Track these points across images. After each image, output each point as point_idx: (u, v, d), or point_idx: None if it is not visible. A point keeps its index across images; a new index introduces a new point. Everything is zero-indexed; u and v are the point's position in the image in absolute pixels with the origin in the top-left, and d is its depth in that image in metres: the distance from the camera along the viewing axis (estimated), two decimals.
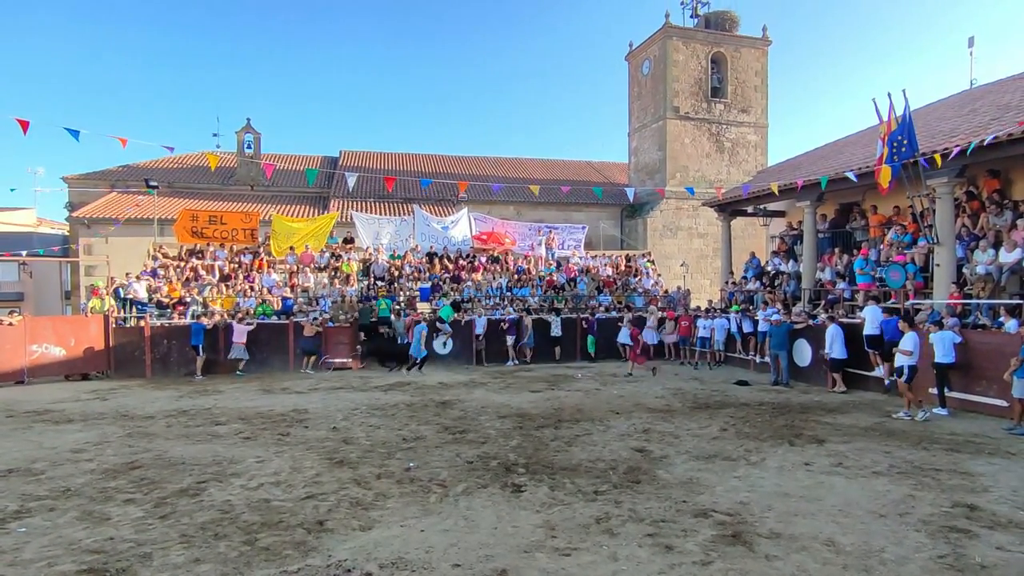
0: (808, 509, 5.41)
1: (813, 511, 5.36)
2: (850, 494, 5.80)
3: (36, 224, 39.79)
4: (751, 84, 32.05)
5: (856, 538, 4.73)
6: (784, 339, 13.31)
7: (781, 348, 13.31)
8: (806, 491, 5.92)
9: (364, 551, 4.52)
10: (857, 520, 5.12)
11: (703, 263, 30.94)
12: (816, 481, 6.26)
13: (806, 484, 6.15)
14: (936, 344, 9.89)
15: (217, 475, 6.54)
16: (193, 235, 18.91)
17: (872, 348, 11.78)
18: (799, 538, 4.73)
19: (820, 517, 5.21)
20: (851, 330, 12.24)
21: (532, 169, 36.95)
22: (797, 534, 4.82)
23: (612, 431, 8.62)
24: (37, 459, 7.28)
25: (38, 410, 10.61)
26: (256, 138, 31.32)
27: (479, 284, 19.48)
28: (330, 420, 9.51)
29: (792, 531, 4.89)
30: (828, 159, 16.77)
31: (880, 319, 11.60)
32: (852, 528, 4.94)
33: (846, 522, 5.07)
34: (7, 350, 14.05)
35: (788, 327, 13.48)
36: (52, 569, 4.25)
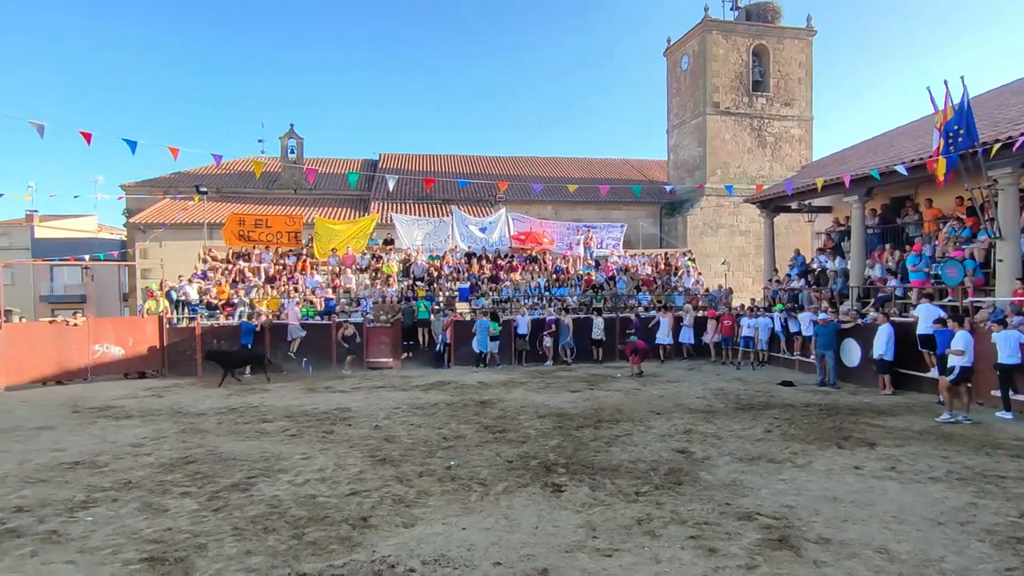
0: (859, 514, 5.23)
1: (864, 517, 5.18)
2: (905, 500, 5.58)
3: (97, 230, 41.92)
4: (794, 76, 31.13)
5: (912, 546, 4.55)
6: (831, 339, 12.89)
7: (828, 348, 12.89)
8: (857, 496, 5.72)
9: (407, 548, 4.60)
10: (913, 527, 4.92)
11: (745, 261, 30.23)
12: (867, 486, 6.04)
13: (856, 488, 5.95)
14: (1000, 344, 9.40)
15: (265, 471, 6.75)
16: (240, 238, 19.56)
17: (926, 348, 11.30)
18: (850, 544, 4.59)
19: (872, 523, 5.03)
20: (903, 329, 11.77)
21: (570, 168, 36.80)
22: (847, 540, 4.67)
23: (653, 432, 8.52)
24: (101, 452, 7.67)
25: (100, 406, 11.17)
26: (299, 143, 32.19)
27: (517, 284, 19.53)
28: (372, 419, 9.70)
29: (842, 537, 4.74)
30: (878, 152, 16.15)
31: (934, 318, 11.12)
32: (907, 536, 4.76)
33: (901, 529, 4.88)
34: (73, 350, 14.83)
35: (835, 326, 13.05)
36: (116, 556, 4.49)
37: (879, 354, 11.74)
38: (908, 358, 11.64)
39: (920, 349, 11.38)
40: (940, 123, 10.98)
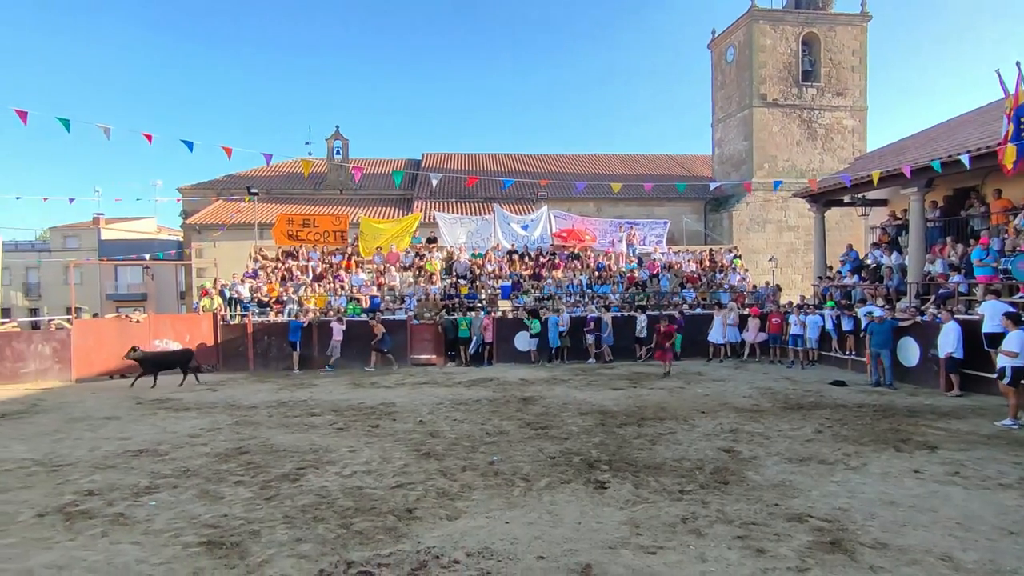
0: (919, 520, 5.00)
1: (925, 522, 4.95)
2: (970, 507, 5.30)
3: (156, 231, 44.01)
4: (847, 65, 29.93)
5: (980, 555, 4.32)
6: (888, 337, 12.35)
7: (884, 347, 12.36)
8: (917, 500, 5.47)
9: (451, 539, 4.67)
10: (980, 535, 4.67)
11: (794, 257, 29.30)
12: (928, 490, 5.77)
13: (916, 493, 5.69)
14: None
15: (314, 462, 6.96)
16: (289, 238, 20.17)
17: (992, 347, 10.68)
18: (909, 550, 4.39)
19: (934, 529, 4.80)
20: (968, 328, 11.16)
21: (612, 165, 36.45)
22: (907, 546, 4.47)
23: (697, 430, 8.37)
24: (162, 442, 8.06)
25: (161, 399, 11.74)
26: (344, 144, 32.95)
27: (559, 281, 19.48)
28: (416, 414, 9.85)
29: (901, 542, 4.54)
30: (940, 140, 15.37)
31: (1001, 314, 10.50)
32: (974, 544, 4.52)
33: (966, 537, 4.64)
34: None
35: (892, 324, 12.49)
36: (177, 540, 4.72)
37: (947, 352, 11.16)
38: (974, 358, 11.04)
39: (987, 349, 10.78)
40: (1010, 108, 10.39)
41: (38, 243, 41.54)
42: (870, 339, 12.78)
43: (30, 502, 5.67)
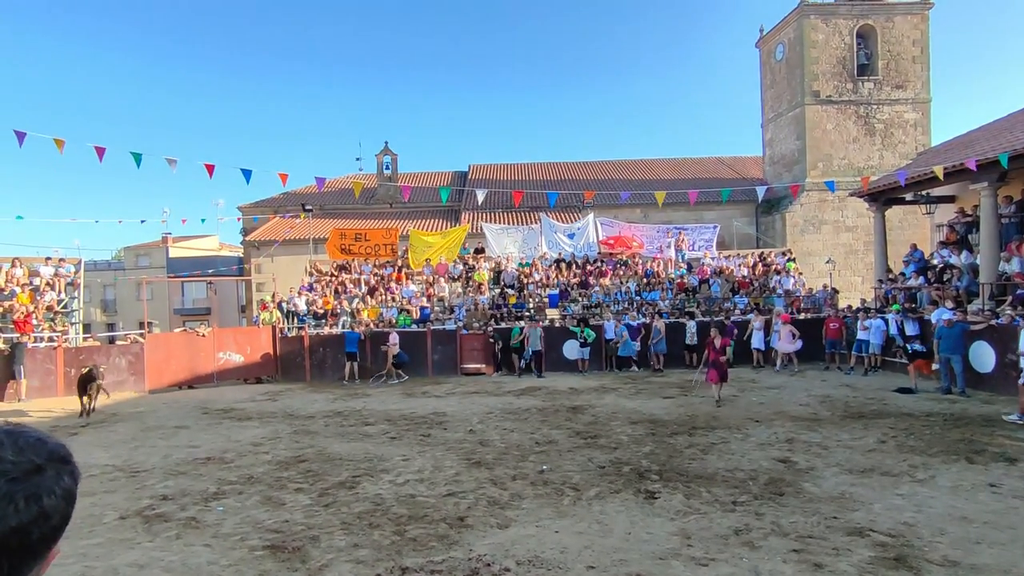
0: (995, 537, 4.73)
1: (1002, 540, 4.68)
2: None
3: (219, 248, 46.25)
4: (907, 56, 28.59)
5: None
6: (958, 342, 11.69)
7: (955, 352, 11.69)
8: (992, 516, 5.18)
9: (502, 548, 4.74)
10: None
11: (852, 259, 28.07)
12: (1006, 506, 5.45)
13: (992, 508, 5.38)
14: None
15: (369, 471, 7.18)
16: (342, 252, 20.86)
17: None
18: (983, 569, 4.17)
19: (1012, 548, 4.53)
20: None
21: (659, 169, 35.97)
22: (980, 564, 4.25)
23: (751, 440, 8.16)
24: (227, 450, 8.50)
25: (225, 408, 12.34)
26: (393, 159, 33.83)
27: (607, 289, 19.36)
28: (467, 423, 10.00)
29: (973, 560, 4.32)
30: (1014, 131, 14.48)
31: None
32: None
33: None
34: (202, 357, 16.48)
35: (963, 328, 11.81)
36: (244, 543, 4.99)
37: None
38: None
39: None
40: None
41: (114, 262, 44.41)
42: (939, 344, 12.13)
43: (113, 505, 6.10)
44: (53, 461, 0.77)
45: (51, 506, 0.74)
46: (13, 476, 0.72)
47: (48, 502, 0.74)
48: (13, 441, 0.76)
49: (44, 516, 0.73)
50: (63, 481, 0.77)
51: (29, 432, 0.79)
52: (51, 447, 0.79)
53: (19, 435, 0.77)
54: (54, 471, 0.76)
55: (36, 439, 0.78)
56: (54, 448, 0.79)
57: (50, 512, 0.74)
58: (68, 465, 0.79)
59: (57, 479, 0.76)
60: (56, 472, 0.76)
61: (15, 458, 0.74)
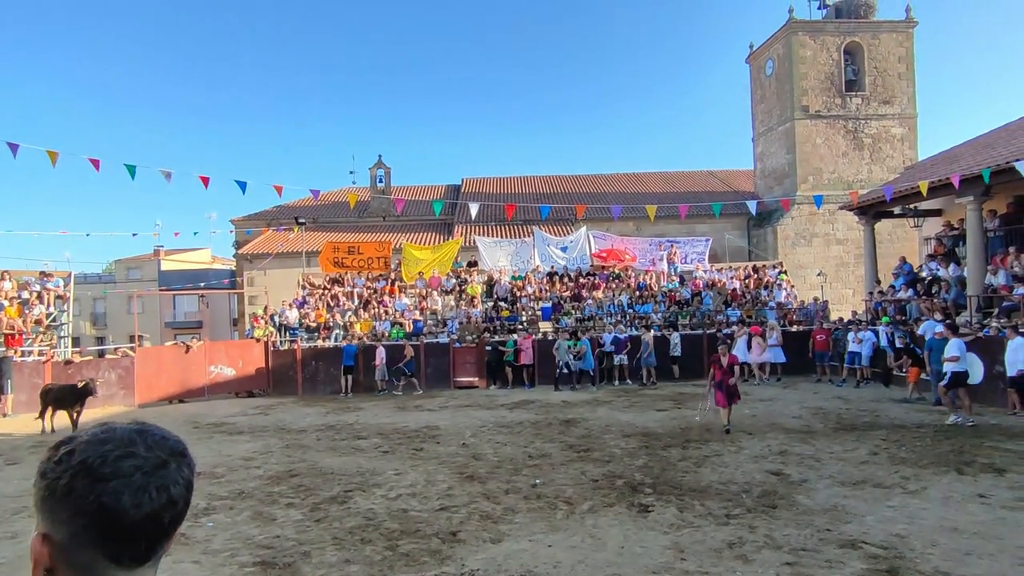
0: (985, 548, 4.76)
1: (992, 551, 4.70)
2: None
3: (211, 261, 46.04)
4: (893, 72, 29.10)
5: None
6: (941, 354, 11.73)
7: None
8: (982, 527, 5.21)
9: (495, 563, 4.71)
10: None
11: (843, 271, 28.32)
12: (995, 516, 5.48)
13: (981, 519, 5.41)
14: None
15: (361, 485, 7.13)
16: (335, 265, 20.83)
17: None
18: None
19: (1002, 558, 4.56)
20: None
21: (651, 183, 36.25)
22: (970, 575, 4.27)
23: (744, 452, 8.17)
24: (218, 464, 8.41)
25: (216, 422, 12.23)
26: (387, 172, 33.95)
27: (600, 302, 19.42)
28: (460, 436, 9.96)
29: (964, 571, 4.34)
30: (997, 146, 14.75)
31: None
32: None
33: None
34: (192, 371, 16.35)
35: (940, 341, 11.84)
36: (234, 559, 4.93)
37: (1019, 370, 10.55)
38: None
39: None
40: None
41: (104, 275, 44.09)
42: (930, 356, 12.17)
43: None
44: (175, 455, 0.88)
45: (177, 494, 0.85)
46: (146, 470, 0.83)
47: (175, 491, 0.85)
48: (143, 439, 0.86)
49: (172, 503, 0.84)
50: (184, 472, 0.88)
51: (155, 430, 0.90)
52: (172, 443, 0.89)
53: (148, 433, 0.88)
54: (176, 464, 0.87)
55: (161, 436, 0.89)
56: (175, 444, 0.90)
57: (176, 499, 0.85)
58: (186, 458, 0.90)
59: (179, 471, 0.87)
60: (178, 464, 0.87)
61: (146, 454, 0.84)
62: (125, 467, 0.82)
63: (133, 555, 0.82)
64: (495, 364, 16.84)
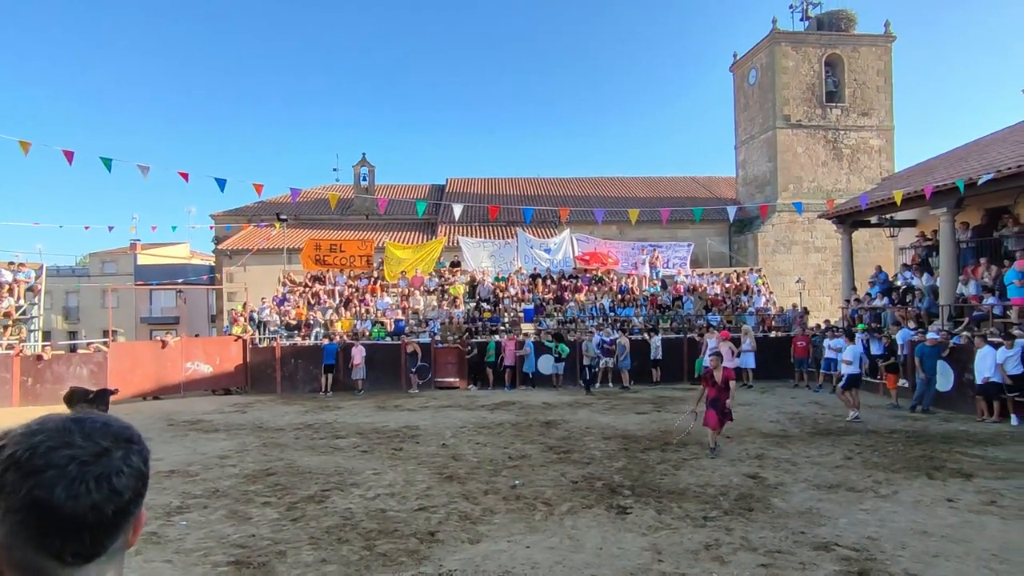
0: (953, 550, 4.87)
1: (959, 553, 4.82)
2: (1007, 537, 5.15)
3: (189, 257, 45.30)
4: (872, 85, 29.72)
5: None
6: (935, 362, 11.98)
7: (932, 371, 11.97)
8: (950, 530, 5.33)
9: (472, 563, 4.70)
10: (1018, 568, 4.54)
11: (821, 279, 28.80)
12: (962, 520, 5.62)
13: (950, 523, 5.54)
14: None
15: (339, 484, 7.06)
16: (316, 262, 20.63)
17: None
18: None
19: (968, 561, 4.67)
20: None
21: (634, 187, 36.52)
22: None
23: (722, 456, 8.26)
24: (192, 463, 8.27)
25: (192, 420, 12.02)
26: (371, 170, 33.72)
27: (583, 304, 19.49)
28: (440, 437, 9.92)
29: (932, 573, 4.44)
30: (970, 159, 15.11)
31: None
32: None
33: (1003, 569, 4.51)
34: (168, 367, 16.06)
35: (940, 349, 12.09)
36: (207, 559, 4.85)
37: (985, 377, 10.81)
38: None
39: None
40: None
41: (78, 268, 43.09)
42: (922, 362, 12.32)
43: None
44: (120, 442, 0.84)
45: (122, 485, 0.81)
46: (83, 459, 0.79)
47: (118, 481, 0.80)
48: (81, 428, 0.82)
49: (116, 493, 0.80)
50: (131, 460, 0.83)
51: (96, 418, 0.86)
52: (115, 430, 0.85)
53: (86, 421, 0.84)
54: (122, 452, 0.83)
55: (103, 424, 0.85)
56: (119, 431, 0.85)
57: (121, 489, 0.80)
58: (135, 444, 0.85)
59: (125, 459, 0.82)
60: (124, 452, 0.83)
61: (84, 443, 0.80)
62: (58, 458, 0.77)
63: (76, 551, 0.78)
64: (476, 365, 16.82)
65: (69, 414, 0.85)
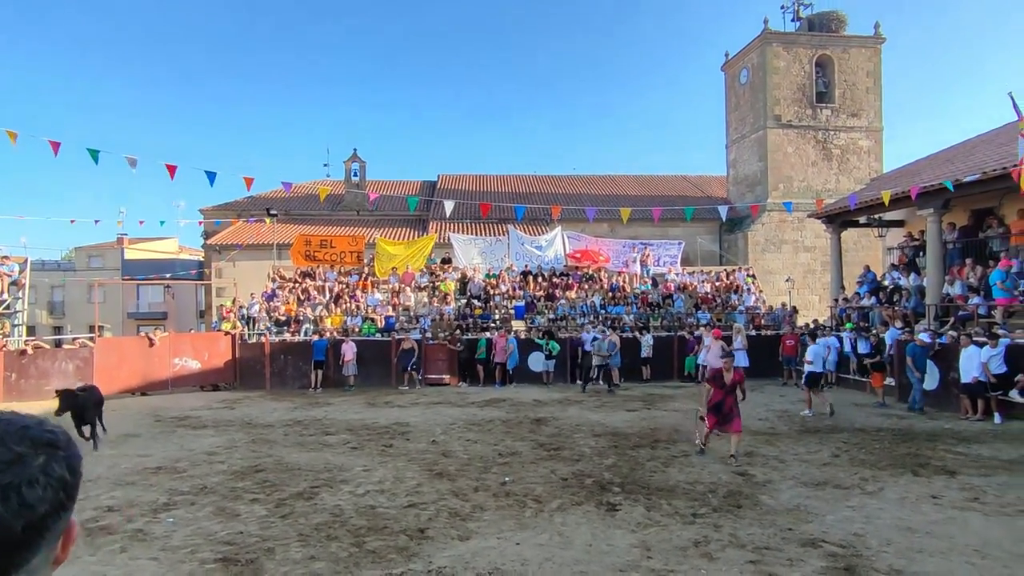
0: (936, 546, 4.93)
1: (943, 549, 4.88)
2: (990, 533, 5.22)
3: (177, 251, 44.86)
4: (862, 86, 29.96)
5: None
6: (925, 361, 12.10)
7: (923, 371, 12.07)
8: (934, 527, 5.40)
9: (462, 560, 4.70)
10: (998, 563, 4.60)
11: (811, 278, 29.04)
12: (946, 516, 5.69)
13: (934, 519, 5.61)
14: None
15: (328, 481, 7.03)
16: (307, 258, 20.50)
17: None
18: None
19: (952, 556, 4.73)
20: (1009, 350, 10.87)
21: (626, 185, 36.59)
22: (922, 572, 4.42)
23: (712, 453, 8.30)
24: (180, 459, 8.20)
25: (179, 416, 11.92)
26: (362, 166, 33.52)
27: (573, 302, 19.51)
28: (430, 433, 9.90)
29: (916, 568, 4.49)
30: (956, 161, 15.29)
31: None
32: (991, 571, 4.46)
33: (984, 564, 4.58)
34: (155, 363, 15.90)
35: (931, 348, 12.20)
36: (194, 556, 4.81)
37: (973, 376, 10.93)
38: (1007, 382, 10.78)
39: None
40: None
41: (63, 262, 42.54)
42: (914, 361, 12.42)
43: None
44: (40, 447, 0.74)
45: (33, 496, 0.71)
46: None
47: (29, 492, 0.71)
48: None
49: (27, 507, 0.70)
50: (52, 469, 0.74)
51: (14, 420, 0.76)
52: (33, 434, 0.75)
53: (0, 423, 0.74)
54: (43, 458, 0.73)
55: (20, 427, 0.75)
56: (37, 435, 0.75)
57: (32, 502, 0.71)
58: (59, 451, 0.76)
59: (45, 467, 0.73)
60: (46, 459, 0.74)
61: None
62: None
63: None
64: (466, 362, 16.80)
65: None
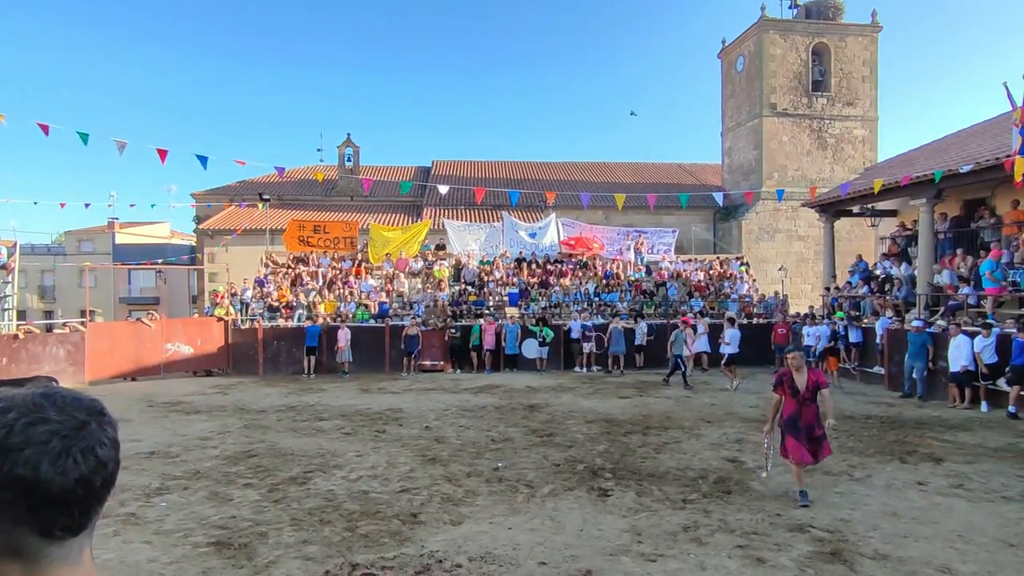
0: (921, 532, 5.02)
1: (927, 534, 4.97)
2: (973, 519, 5.32)
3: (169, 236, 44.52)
4: (858, 75, 29.86)
5: (979, 567, 4.34)
6: (922, 349, 12.20)
7: (918, 359, 12.16)
8: (919, 512, 5.49)
9: (454, 544, 4.74)
10: (981, 548, 4.69)
11: (804, 267, 29.15)
12: (931, 502, 5.78)
13: (919, 505, 5.70)
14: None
15: (321, 466, 7.06)
16: (300, 243, 20.39)
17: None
18: (908, 562, 4.42)
19: (935, 541, 4.82)
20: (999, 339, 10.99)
21: (620, 173, 36.50)
22: (907, 557, 4.50)
23: (703, 440, 8.39)
24: (173, 444, 8.20)
25: (172, 401, 11.91)
26: (355, 151, 33.25)
27: (567, 289, 19.54)
28: (423, 419, 9.94)
29: (901, 554, 4.57)
30: (949, 151, 15.32)
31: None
32: (974, 556, 4.54)
33: (967, 549, 4.67)
34: (147, 348, 15.84)
35: (928, 336, 12.31)
36: (187, 540, 4.83)
37: (962, 365, 11.05)
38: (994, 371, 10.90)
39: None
40: (1019, 120, 10.37)
41: (54, 247, 42.15)
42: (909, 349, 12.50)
43: None
44: (94, 414, 0.83)
45: (105, 455, 0.81)
46: (64, 434, 0.78)
47: (101, 452, 0.80)
48: (52, 402, 0.81)
49: (102, 464, 0.80)
50: (108, 432, 0.83)
51: (63, 392, 0.84)
52: (87, 403, 0.84)
53: (55, 396, 0.82)
54: (97, 423, 0.82)
55: (73, 398, 0.83)
56: (89, 403, 0.84)
57: (106, 460, 0.81)
58: (106, 416, 0.85)
59: (102, 430, 0.82)
60: (99, 423, 0.82)
61: (59, 417, 0.79)
62: (37, 434, 0.76)
63: (66, 525, 0.77)
64: (459, 348, 16.83)
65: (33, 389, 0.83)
